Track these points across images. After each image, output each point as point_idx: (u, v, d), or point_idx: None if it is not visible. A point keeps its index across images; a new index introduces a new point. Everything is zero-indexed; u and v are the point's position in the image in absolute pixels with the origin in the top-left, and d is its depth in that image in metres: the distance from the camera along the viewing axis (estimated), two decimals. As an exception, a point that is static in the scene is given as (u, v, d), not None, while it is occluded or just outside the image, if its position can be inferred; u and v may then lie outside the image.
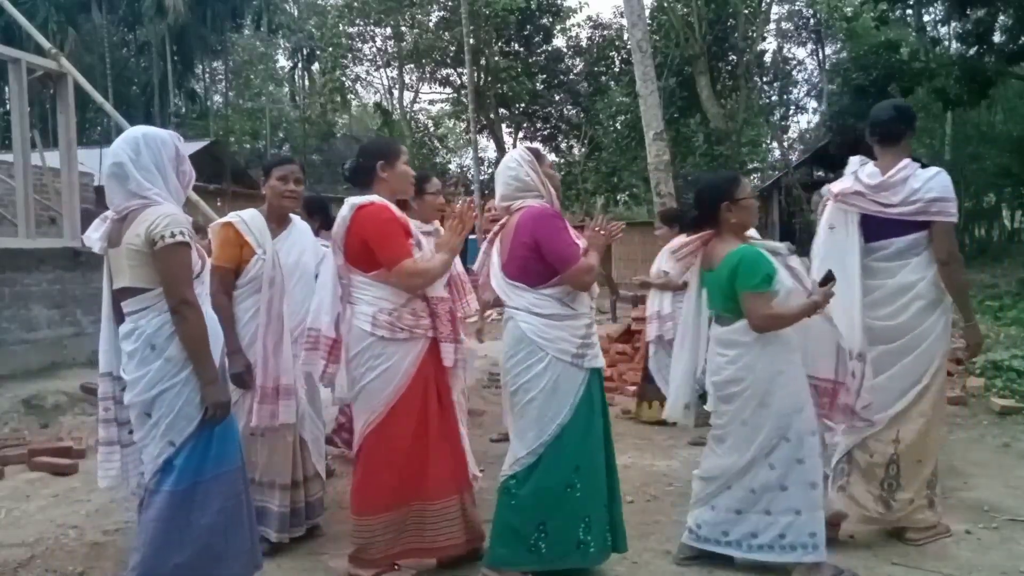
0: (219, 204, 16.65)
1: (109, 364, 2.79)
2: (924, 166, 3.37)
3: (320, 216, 4.54)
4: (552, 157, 30.46)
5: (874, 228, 3.34)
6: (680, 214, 5.80)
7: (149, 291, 2.62)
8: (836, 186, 3.45)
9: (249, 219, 3.45)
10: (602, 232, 3.19)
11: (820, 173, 26.50)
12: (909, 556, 3.25)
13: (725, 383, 3.13)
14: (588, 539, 3.03)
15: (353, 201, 3.11)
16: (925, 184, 3.24)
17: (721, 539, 3.14)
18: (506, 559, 3.05)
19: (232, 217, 3.48)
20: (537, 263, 3.06)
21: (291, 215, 3.66)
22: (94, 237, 2.77)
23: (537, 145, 3.57)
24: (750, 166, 23.65)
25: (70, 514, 4.07)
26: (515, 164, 3.22)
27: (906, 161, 3.32)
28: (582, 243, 3.16)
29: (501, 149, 28.38)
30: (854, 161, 3.52)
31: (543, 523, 3.01)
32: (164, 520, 2.59)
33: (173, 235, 2.57)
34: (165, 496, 2.60)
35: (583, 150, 26.69)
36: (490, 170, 30.90)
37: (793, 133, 32.43)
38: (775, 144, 25.54)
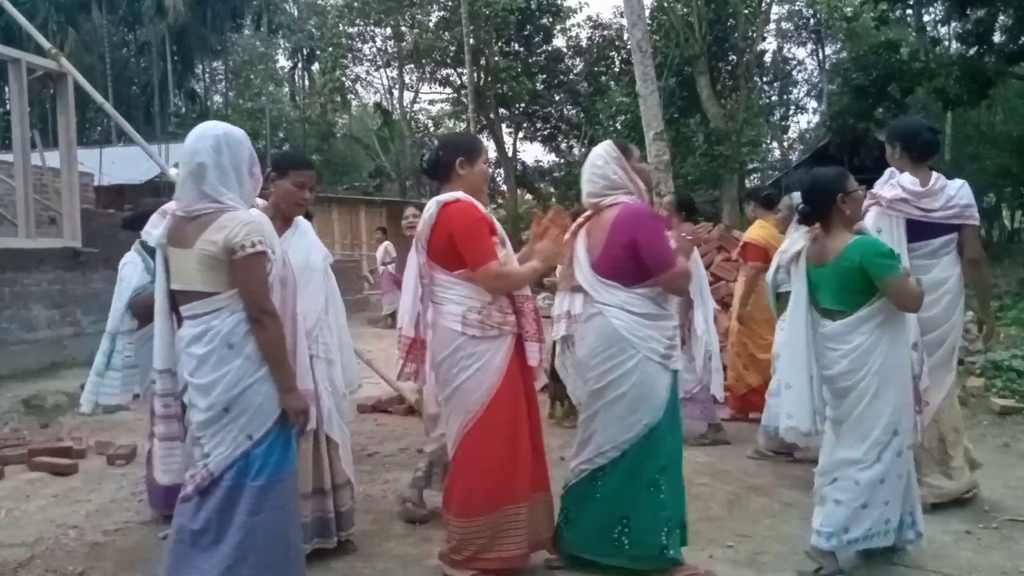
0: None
1: (167, 360, 2.74)
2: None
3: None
4: (552, 157, 30.51)
5: (913, 230, 3.71)
6: (690, 201, 5.84)
7: (219, 294, 2.60)
8: (887, 192, 3.74)
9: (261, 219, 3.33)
10: (689, 237, 3.23)
11: (820, 173, 26.47)
12: (909, 556, 3.25)
13: (839, 376, 3.11)
14: (668, 543, 3.02)
15: (440, 198, 3.06)
16: (958, 192, 3.72)
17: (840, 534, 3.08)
18: (585, 548, 3.08)
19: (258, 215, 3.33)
20: (632, 262, 3.03)
21: None
22: (155, 233, 2.75)
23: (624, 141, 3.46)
24: (750, 166, 23.69)
25: (70, 514, 4.06)
26: (602, 162, 3.19)
27: (937, 174, 3.79)
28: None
29: (501, 149, 28.39)
30: (887, 173, 3.87)
31: (626, 517, 3.02)
32: (249, 515, 2.59)
33: (253, 244, 2.56)
34: (248, 490, 2.59)
35: (583, 150, 26.68)
36: (490, 170, 30.98)
37: (793, 133, 32.47)
38: (775, 144, 25.54)
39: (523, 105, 27.07)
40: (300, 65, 34.19)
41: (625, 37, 20.12)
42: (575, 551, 3.13)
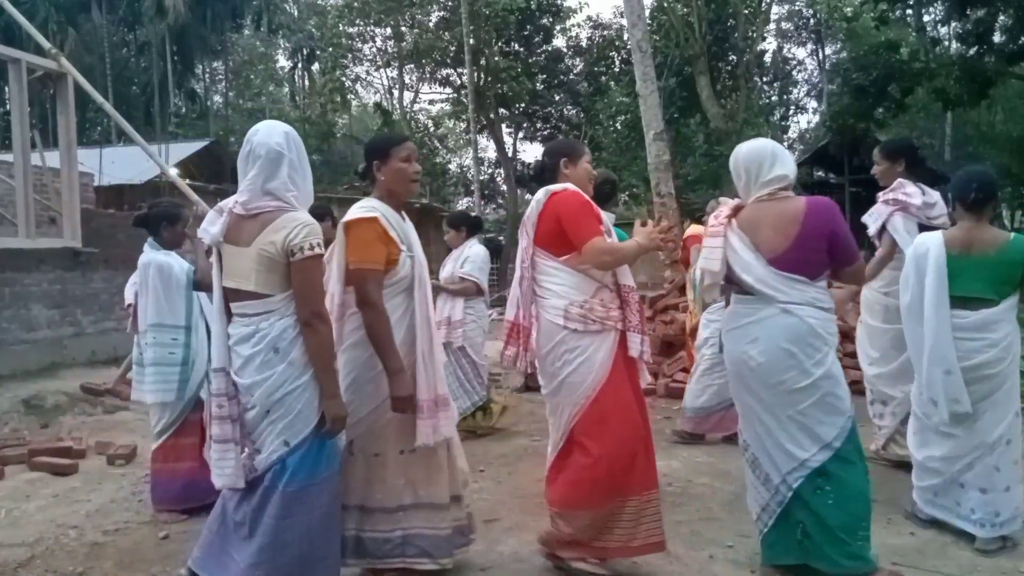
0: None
1: (222, 359, 2.69)
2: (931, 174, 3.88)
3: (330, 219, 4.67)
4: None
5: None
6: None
7: (272, 296, 2.60)
8: (916, 199, 4.07)
9: (385, 211, 2.98)
10: None
11: (820, 173, 26.51)
12: (909, 556, 3.25)
13: (980, 366, 3.26)
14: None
15: (549, 188, 3.13)
16: (940, 201, 4.12)
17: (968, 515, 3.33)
18: (847, 556, 2.88)
19: (373, 210, 2.95)
20: (826, 255, 2.93)
21: None
22: (212, 231, 2.68)
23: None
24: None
25: (70, 514, 4.07)
26: (782, 153, 3.12)
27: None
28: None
29: (501, 149, 28.39)
30: (897, 182, 4.21)
31: (866, 516, 2.94)
32: (278, 519, 2.59)
33: (312, 247, 2.56)
34: (280, 495, 2.59)
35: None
36: (490, 170, 30.99)
37: (793, 133, 32.47)
38: (775, 144, 25.52)
39: (523, 105, 27.05)
40: (300, 65, 34.21)
41: (625, 37, 20.12)
42: (817, 562, 2.93)
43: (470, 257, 5.60)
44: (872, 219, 4.25)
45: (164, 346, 3.94)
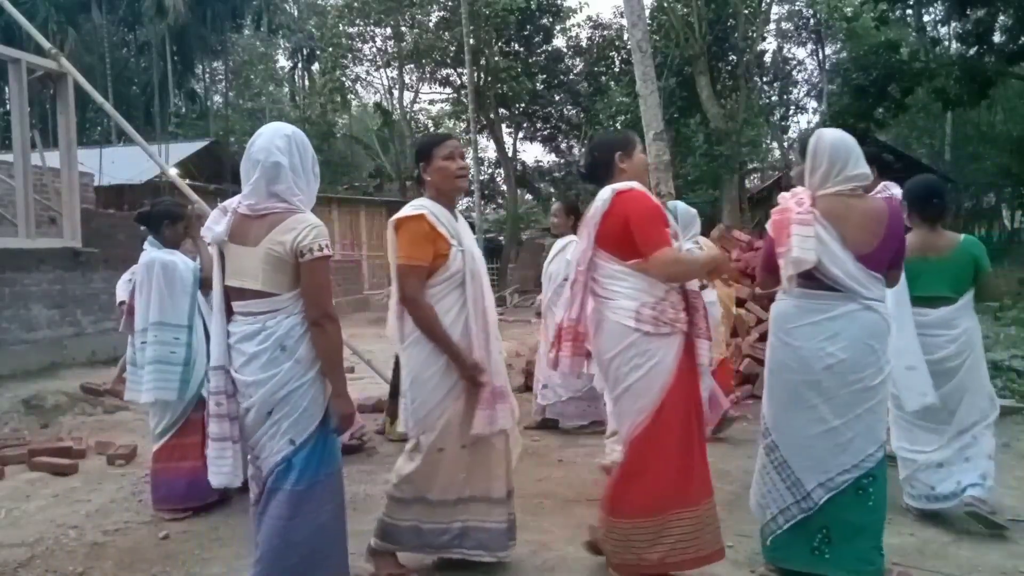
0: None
1: (221, 358, 2.71)
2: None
3: None
4: (552, 157, 30.50)
5: None
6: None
7: (279, 295, 2.61)
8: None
9: (434, 209, 3.03)
10: None
11: (820, 173, 26.47)
12: (909, 556, 3.25)
13: (944, 360, 3.53)
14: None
15: (614, 187, 2.97)
16: None
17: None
18: (866, 560, 2.90)
19: (421, 208, 3.02)
20: (890, 256, 2.97)
21: None
22: (216, 230, 2.69)
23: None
24: (750, 166, 23.68)
25: (70, 514, 4.07)
26: (858, 150, 3.06)
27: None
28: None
29: (501, 149, 28.36)
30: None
31: (885, 521, 2.95)
32: (286, 519, 2.61)
33: (321, 248, 2.59)
34: (286, 495, 2.61)
35: (583, 150, 26.65)
36: (490, 170, 30.97)
37: (793, 133, 32.42)
38: (775, 144, 25.54)
39: (523, 105, 27.03)
40: (300, 65, 34.19)
41: (625, 37, 20.11)
42: (834, 571, 2.90)
43: None
44: None
45: (166, 344, 3.94)
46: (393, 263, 3.05)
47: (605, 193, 2.98)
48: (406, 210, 3.05)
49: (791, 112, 28.56)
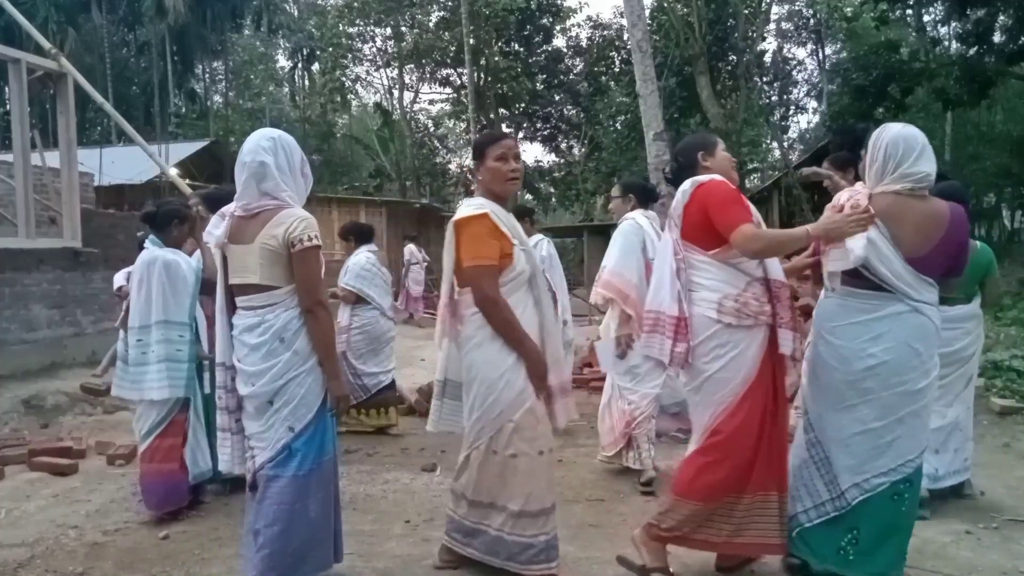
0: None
1: (224, 354, 2.90)
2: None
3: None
4: (552, 157, 30.50)
5: None
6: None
7: (277, 289, 2.76)
8: None
9: (494, 208, 3.01)
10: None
11: (820, 173, 26.43)
12: (909, 556, 3.24)
13: (959, 350, 3.85)
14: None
15: (695, 179, 3.03)
16: None
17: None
18: (890, 565, 2.89)
19: (481, 207, 2.99)
20: (949, 262, 2.89)
21: None
22: (216, 234, 2.87)
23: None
24: (750, 166, 23.67)
25: (70, 514, 4.07)
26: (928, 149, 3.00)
27: None
28: None
29: (501, 149, 28.34)
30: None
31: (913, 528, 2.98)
32: (290, 503, 2.74)
33: (311, 239, 2.74)
34: (289, 481, 2.75)
35: (583, 150, 26.69)
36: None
37: (793, 133, 32.43)
38: (775, 144, 25.54)
39: (523, 105, 27.07)
40: (300, 65, 34.15)
41: (625, 37, 20.12)
42: (856, 573, 2.89)
43: (349, 267, 5.88)
44: None
45: (172, 343, 3.96)
46: (449, 266, 3.01)
47: (686, 186, 3.03)
48: (467, 210, 2.99)
49: (791, 112, 28.57)
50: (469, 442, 3.01)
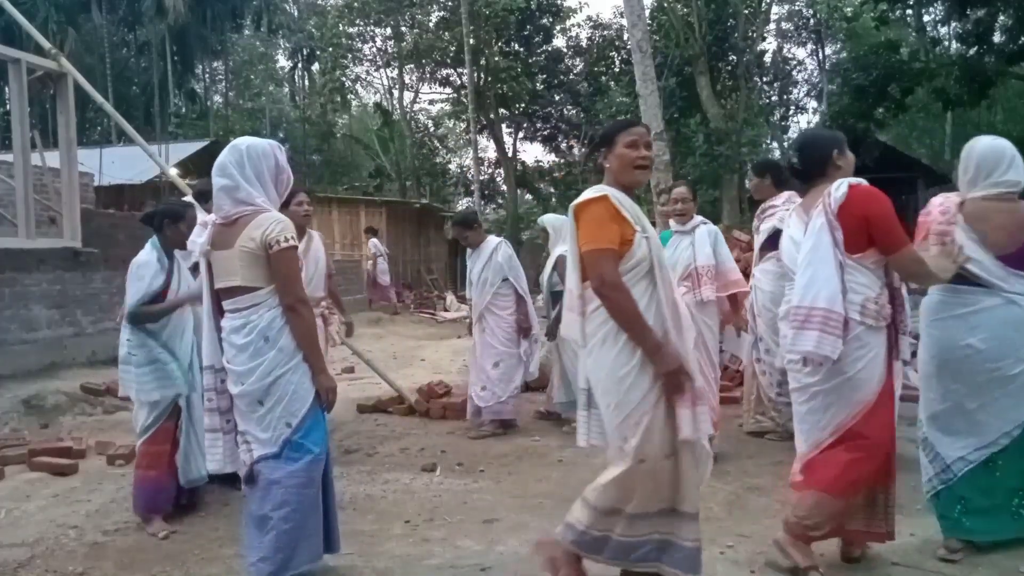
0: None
1: (211, 358, 3.03)
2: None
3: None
4: (552, 157, 30.49)
5: None
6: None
7: (260, 289, 2.88)
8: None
9: (616, 193, 2.81)
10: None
11: (820, 173, 26.43)
12: (909, 556, 3.25)
13: None
14: None
15: (848, 180, 3.01)
16: None
17: None
18: (990, 531, 3.23)
19: (602, 190, 2.80)
20: None
21: None
22: (199, 242, 3.03)
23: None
24: (750, 166, 23.64)
25: (70, 514, 4.06)
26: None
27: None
28: None
29: (501, 149, 28.39)
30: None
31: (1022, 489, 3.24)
32: (296, 488, 2.86)
33: (287, 240, 2.87)
34: (295, 468, 2.87)
35: (583, 150, 26.68)
36: (490, 170, 30.99)
37: (793, 133, 32.40)
38: (775, 144, 25.55)
39: (523, 105, 27.06)
40: (300, 65, 34.17)
41: (625, 37, 20.11)
42: (978, 537, 3.24)
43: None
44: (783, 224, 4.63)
45: (122, 345, 3.95)
46: (574, 254, 2.80)
47: (842, 187, 2.98)
48: (587, 194, 2.81)
49: (791, 112, 28.57)
50: (606, 445, 2.80)
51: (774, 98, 26.33)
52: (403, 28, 26.19)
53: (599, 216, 2.74)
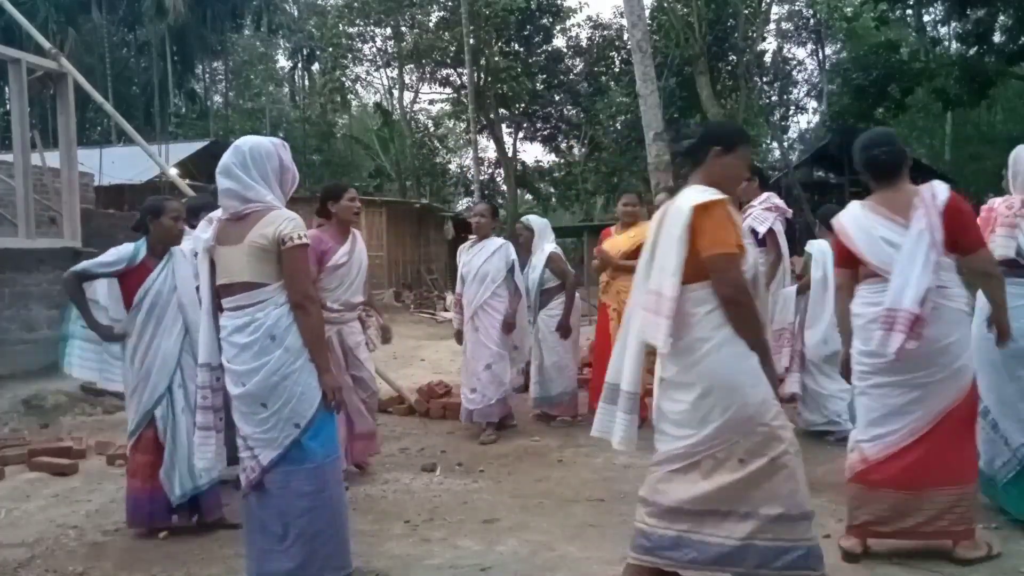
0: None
1: (208, 355, 2.99)
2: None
3: None
4: (552, 157, 30.49)
5: None
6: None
7: (266, 286, 2.84)
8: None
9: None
10: None
11: (820, 173, 26.46)
12: (909, 556, 3.25)
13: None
14: None
15: (944, 185, 3.17)
16: None
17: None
18: None
19: (716, 192, 2.68)
20: None
21: None
22: (204, 237, 3.00)
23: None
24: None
25: (70, 514, 4.06)
26: None
27: None
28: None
29: (501, 149, 28.37)
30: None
31: None
32: (311, 493, 2.83)
33: (300, 237, 2.85)
34: (306, 472, 2.83)
35: (583, 150, 26.70)
36: (490, 170, 30.99)
37: (793, 133, 32.45)
38: (775, 144, 25.54)
39: (523, 105, 27.04)
40: (300, 65, 34.18)
41: (625, 37, 20.11)
42: None
43: None
44: (759, 223, 4.94)
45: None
46: (677, 258, 2.62)
47: (943, 190, 3.11)
48: (704, 194, 2.65)
49: (791, 112, 28.61)
50: (693, 451, 2.67)
51: (774, 98, 26.34)
52: (403, 28, 26.17)
53: (723, 219, 2.64)
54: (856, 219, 3.24)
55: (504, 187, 29.49)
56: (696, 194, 2.67)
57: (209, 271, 3.00)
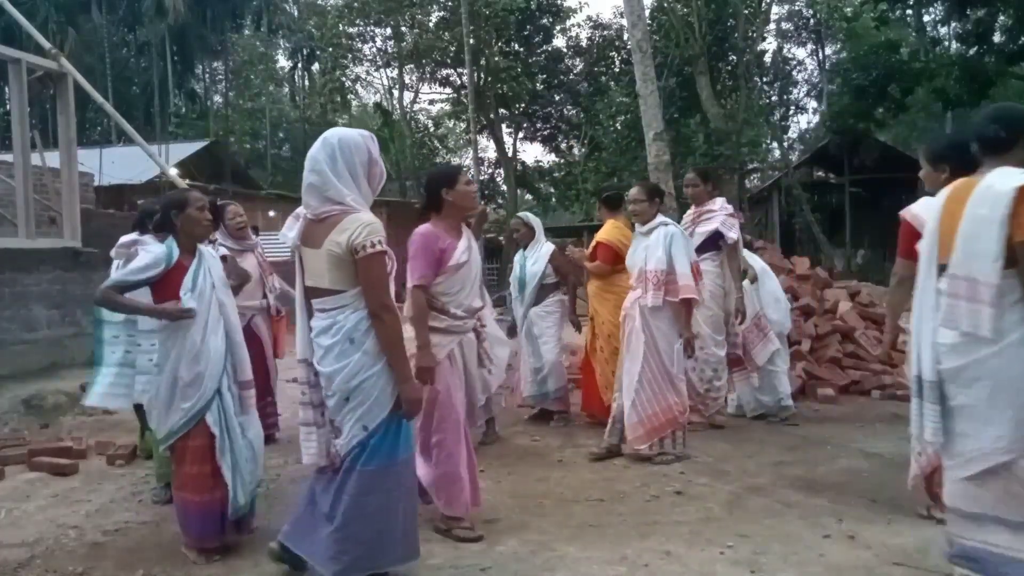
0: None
1: (304, 352, 2.98)
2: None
3: None
4: (552, 157, 30.48)
5: None
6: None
7: (344, 292, 2.84)
8: None
9: None
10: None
11: (820, 173, 26.47)
12: (910, 556, 3.25)
13: None
14: None
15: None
16: None
17: None
18: None
19: None
20: None
21: None
22: (290, 235, 2.98)
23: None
24: (750, 166, 23.66)
25: (70, 514, 4.06)
26: None
27: None
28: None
29: (501, 149, 28.37)
30: None
31: None
32: (359, 495, 2.85)
33: (374, 245, 2.78)
34: (359, 475, 2.85)
35: (583, 150, 26.67)
36: (490, 170, 30.98)
37: (793, 133, 32.44)
38: (775, 144, 25.55)
39: (523, 105, 27.05)
40: (300, 65, 34.19)
41: (625, 37, 20.12)
42: None
43: None
44: (728, 229, 5.30)
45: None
46: (996, 243, 2.50)
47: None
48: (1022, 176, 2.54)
49: (791, 112, 28.60)
50: (998, 452, 2.56)
51: (774, 98, 26.33)
52: (403, 28, 26.17)
53: None
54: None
55: (504, 187, 29.49)
56: (1017, 176, 2.52)
57: (299, 269, 3.01)
